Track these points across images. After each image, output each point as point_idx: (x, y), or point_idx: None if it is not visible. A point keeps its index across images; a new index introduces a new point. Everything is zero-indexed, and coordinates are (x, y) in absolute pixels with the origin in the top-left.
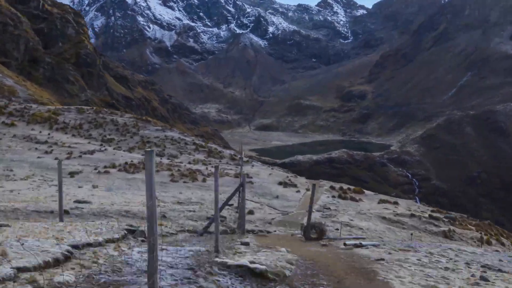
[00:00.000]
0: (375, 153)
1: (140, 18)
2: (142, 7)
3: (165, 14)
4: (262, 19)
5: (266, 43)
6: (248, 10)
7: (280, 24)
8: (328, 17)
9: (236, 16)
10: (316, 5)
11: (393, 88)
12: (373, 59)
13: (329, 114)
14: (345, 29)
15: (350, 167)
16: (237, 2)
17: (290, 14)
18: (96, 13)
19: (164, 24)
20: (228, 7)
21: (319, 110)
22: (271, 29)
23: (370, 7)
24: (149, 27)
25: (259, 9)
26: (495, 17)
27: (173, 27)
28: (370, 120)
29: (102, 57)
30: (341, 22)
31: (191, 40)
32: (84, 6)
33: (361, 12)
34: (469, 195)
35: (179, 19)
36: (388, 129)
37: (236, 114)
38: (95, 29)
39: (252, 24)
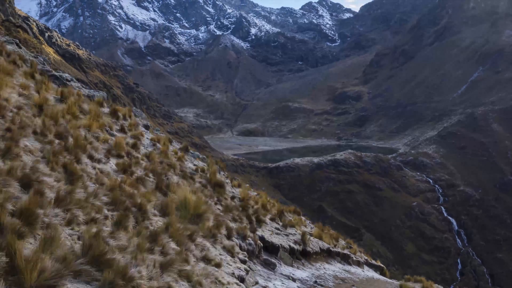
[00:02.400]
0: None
1: (111, 18)
2: (113, 6)
3: (139, 14)
4: (243, 20)
5: (248, 45)
6: (229, 11)
7: (263, 26)
8: (314, 20)
9: (215, 17)
10: (300, 9)
11: (393, 88)
12: (366, 59)
13: (321, 117)
14: (332, 32)
15: (360, 171)
16: (217, 2)
17: (273, 17)
18: (64, 14)
19: (138, 24)
20: (207, 8)
21: (309, 113)
22: (253, 30)
23: (357, 10)
24: (121, 27)
25: (240, 11)
26: (504, 8)
27: (147, 27)
28: (369, 122)
29: (48, 32)
30: (327, 25)
31: (167, 40)
32: (52, 8)
33: (347, 15)
34: (507, 203)
35: (154, 20)
36: (390, 131)
37: (217, 118)
38: (62, 30)
39: (233, 26)
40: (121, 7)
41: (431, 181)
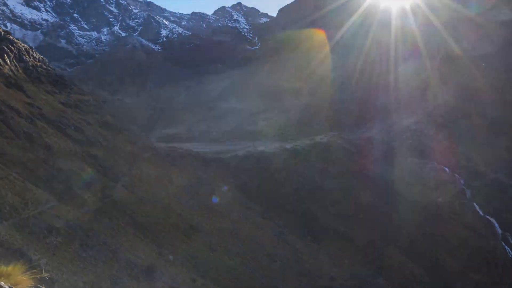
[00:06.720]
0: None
1: None
2: None
3: (28, 14)
4: (153, 20)
5: (159, 48)
6: (135, 11)
7: (175, 28)
8: (229, 24)
9: (120, 18)
10: (213, 14)
11: None
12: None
13: (257, 116)
14: (251, 35)
15: (354, 159)
16: (120, 1)
17: (184, 23)
18: None
19: (26, 22)
20: (109, 7)
21: (242, 113)
22: (164, 32)
23: (274, 15)
24: (6, 26)
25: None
26: None
27: (38, 26)
28: (317, 118)
29: None
30: (245, 29)
31: (63, 40)
32: None
33: (264, 20)
34: None
35: (46, 20)
36: (350, 125)
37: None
38: None
39: (141, 27)
40: (6, 4)
41: (447, 169)
